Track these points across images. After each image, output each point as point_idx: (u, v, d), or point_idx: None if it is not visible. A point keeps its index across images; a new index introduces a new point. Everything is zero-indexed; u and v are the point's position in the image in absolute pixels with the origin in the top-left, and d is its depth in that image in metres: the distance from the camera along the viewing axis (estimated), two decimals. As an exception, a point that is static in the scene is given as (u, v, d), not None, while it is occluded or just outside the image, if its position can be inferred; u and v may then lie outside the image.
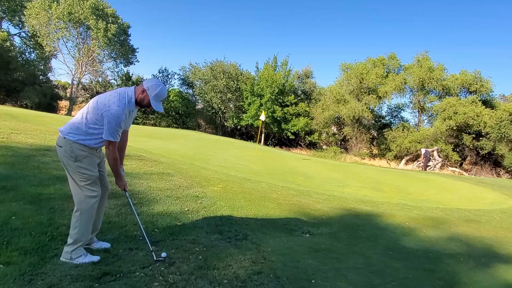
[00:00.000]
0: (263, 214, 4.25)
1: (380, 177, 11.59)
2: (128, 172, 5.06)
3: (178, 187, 4.70)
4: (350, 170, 12.92)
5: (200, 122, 39.31)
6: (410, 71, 28.22)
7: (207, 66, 34.42)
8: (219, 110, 34.31)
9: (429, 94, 28.38)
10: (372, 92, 28.79)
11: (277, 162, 12.17)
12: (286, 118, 31.69)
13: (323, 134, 33.01)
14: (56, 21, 27.03)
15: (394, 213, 5.54)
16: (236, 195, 4.90)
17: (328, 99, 30.29)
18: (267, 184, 6.42)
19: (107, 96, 2.35)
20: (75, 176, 2.35)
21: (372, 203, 6.21)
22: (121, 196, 3.83)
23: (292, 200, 5.32)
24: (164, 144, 11.50)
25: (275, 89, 30.10)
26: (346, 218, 4.81)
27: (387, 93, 27.93)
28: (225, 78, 32.25)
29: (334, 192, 6.95)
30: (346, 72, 30.85)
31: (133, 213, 2.76)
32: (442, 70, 27.25)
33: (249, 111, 30.75)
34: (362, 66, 29.17)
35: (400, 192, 8.48)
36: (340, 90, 29.88)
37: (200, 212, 3.79)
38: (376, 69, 28.40)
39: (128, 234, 2.86)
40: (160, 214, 3.51)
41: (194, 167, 6.82)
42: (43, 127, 8.32)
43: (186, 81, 37.19)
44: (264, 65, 32.71)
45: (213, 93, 32.72)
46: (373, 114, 29.73)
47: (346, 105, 28.51)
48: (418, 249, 3.82)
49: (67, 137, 2.32)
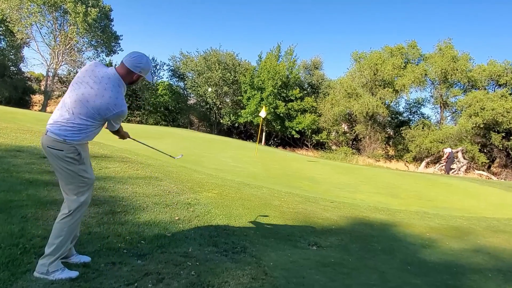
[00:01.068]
0: (264, 223, 4.25)
1: (397, 181, 11.58)
2: (111, 176, 5.06)
3: (168, 193, 4.70)
4: (363, 174, 12.92)
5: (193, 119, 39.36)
6: (431, 61, 28.22)
7: (200, 56, 34.49)
8: (214, 105, 34.35)
9: (452, 87, 28.39)
10: (388, 85, 28.79)
11: (280, 165, 12.17)
12: (290, 114, 31.73)
13: (332, 133, 33.05)
14: (29, 4, 27.01)
15: (413, 222, 5.54)
16: (233, 202, 4.90)
17: (338, 93, 30.31)
18: (269, 190, 6.42)
19: (104, 92, 2.31)
20: (76, 181, 2.36)
21: (388, 211, 6.22)
22: (102, 203, 3.84)
23: (297, 208, 5.33)
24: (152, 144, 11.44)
25: (278, 82, 30.13)
26: (358, 228, 4.81)
27: (405, 86, 27.91)
28: (220, 69, 32.29)
29: (345, 199, 6.95)
30: (358, 62, 30.85)
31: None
32: (468, 60, 27.26)
33: (248, 107, 30.78)
34: (376, 56, 29.13)
35: (420, 199, 8.48)
36: (351, 83, 29.89)
37: (192, 222, 3.79)
38: (393, 59, 28.36)
39: (110, 246, 2.86)
40: (147, 223, 3.51)
41: (186, 171, 6.81)
42: (14, 125, 8.32)
43: (176, 72, 37.23)
44: (266, 55, 32.75)
45: (207, 86, 32.73)
46: (389, 110, 29.76)
47: (359, 100, 28.53)
48: (440, 263, 3.82)
49: (69, 139, 2.30)
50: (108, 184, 4.60)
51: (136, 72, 2.45)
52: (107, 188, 4.41)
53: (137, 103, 33.76)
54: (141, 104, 33.67)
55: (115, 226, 3.25)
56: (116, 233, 3.12)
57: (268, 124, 32.22)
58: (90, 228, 3.15)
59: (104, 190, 4.32)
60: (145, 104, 33.36)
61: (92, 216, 3.43)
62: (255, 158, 12.54)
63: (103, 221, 3.35)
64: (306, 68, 36.33)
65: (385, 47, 30.29)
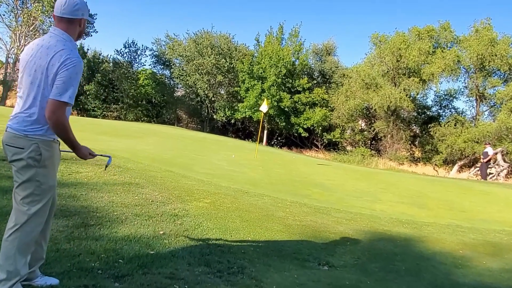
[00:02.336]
0: (265, 239, 4.25)
1: (424, 188, 11.58)
2: (83, 182, 5.07)
3: (151, 203, 4.70)
4: (384, 180, 12.92)
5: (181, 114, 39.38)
6: (465, 44, 28.20)
7: (189, 39, 34.49)
8: (206, 98, 34.35)
9: (490, 77, 28.39)
10: (413, 74, 28.80)
11: (285, 169, 12.16)
12: (297, 109, 31.74)
13: (347, 131, 33.06)
14: (-15, -23, 27.03)
15: (443, 237, 5.55)
16: (229, 214, 4.90)
17: (354, 83, 30.31)
18: (271, 199, 6.43)
19: (50, 50, 2.29)
20: (31, 187, 2.33)
21: (413, 224, 6.22)
22: (73, 214, 3.84)
23: (304, 220, 5.34)
24: (132, 144, 11.49)
25: (282, 70, 30.14)
26: (378, 244, 4.81)
27: (434, 75, 27.91)
28: (214, 55, 32.30)
29: (362, 210, 6.96)
30: (378, 47, 30.84)
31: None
32: (509, 44, 27.23)
33: (247, 100, 30.79)
34: (400, 39, 29.06)
35: (451, 209, 8.48)
36: (370, 71, 29.90)
37: (180, 237, 3.79)
38: (420, 42, 28.30)
39: (82, 266, 2.86)
40: (126, 238, 3.51)
41: (172, 176, 6.81)
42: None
43: (161, 58, 37.23)
44: (266, 38, 32.76)
45: (198, 75, 32.75)
46: (415, 104, 29.77)
47: (379, 92, 28.53)
48: (475, 286, 3.82)
49: (30, 133, 2.28)
50: (79, 191, 4.60)
51: (79, 17, 2.45)
52: (78, 197, 4.41)
53: (114, 95, 33.77)
54: (118, 97, 33.67)
55: (87, 242, 3.25)
56: (89, 250, 3.12)
57: (271, 121, 32.22)
58: (58, 244, 3.15)
59: (75, 199, 4.32)
60: (123, 96, 33.37)
61: (61, 230, 3.43)
62: (255, 161, 12.54)
63: (73, 236, 3.35)
64: (316, 54, 36.33)
65: (413, 28, 30.19)
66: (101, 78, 33.09)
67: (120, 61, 34.99)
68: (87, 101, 32.81)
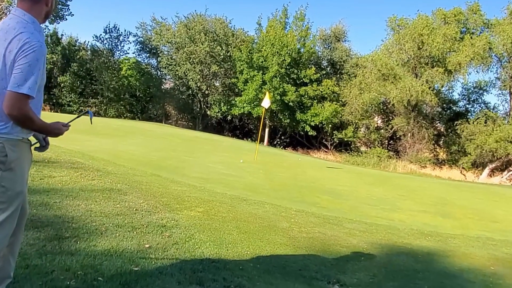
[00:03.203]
0: (267, 253, 4.25)
1: (450, 195, 11.59)
2: (56, 188, 5.06)
3: (135, 212, 4.70)
4: (403, 185, 12.91)
5: (169, 109, 39.39)
6: (497, 29, 28.19)
7: (180, 23, 34.53)
8: (198, 91, 34.38)
9: (527, 66, 28.39)
10: (437, 63, 28.82)
11: (289, 173, 12.15)
12: (303, 103, 31.76)
13: (361, 129, 33.07)
14: None
15: (472, 251, 5.54)
16: (225, 224, 4.90)
17: (369, 74, 30.34)
18: (274, 207, 6.42)
19: (8, 34, 2.24)
20: None
21: (437, 236, 6.22)
22: (45, 225, 3.83)
23: (312, 232, 5.34)
24: (113, 144, 11.48)
25: (286, 58, 30.17)
26: (397, 259, 4.82)
27: (462, 64, 27.93)
28: (207, 41, 32.32)
29: (378, 220, 6.96)
30: (397, 32, 30.88)
31: None
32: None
33: (246, 93, 30.81)
34: (422, 23, 29.08)
35: (481, 219, 8.48)
36: (387, 60, 29.93)
37: (169, 251, 3.79)
38: (446, 27, 28.30)
39: (56, 284, 2.86)
40: (107, 253, 3.51)
41: (160, 181, 6.80)
42: None
43: (146, 45, 37.24)
44: (268, 22, 32.77)
45: (189, 65, 32.77)
46: (439, 98, 29.79)
47: (397, 84, 28.55)
48: (509, 308, 3.82)
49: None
50: (52, 199, 4.60)
51: None
52: (51, 205, 4.41)
53: (92, 88, 33.80)
54: (97, 90, 33.69)
55: (62, 257, 3.24)
56: (63, 266, 3.11)
57: (273, 117, 32.25)
58: (28, 259, 3.14)
59: (47, 208, 4.31)
60: (103, 89, 33.38)
61: (31, 243, 3.43)
62: (255, 164, 12.54)
63: (45, 250, 3.34)
64: (324, 40, 36.36)
65: (437, 10, 30.19)
66: (77, 68, 33.08)
67: (100, 48, 35.00)
68: (61, 95, 32.77)
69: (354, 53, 35.56)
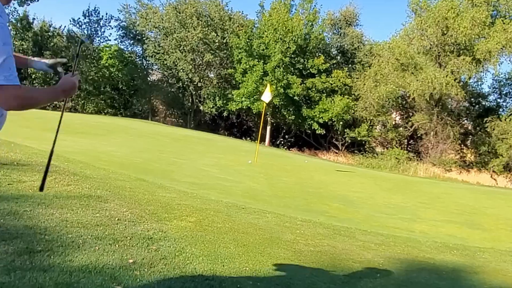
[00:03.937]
0: (268, 269, 4.25)
1: (479, 203, 11.62)
2: (27, 194, 5.04)
3: (117, 222, 4.69)
4: (425, 191, 12.94)
5: (157, 104, 39.51)
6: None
7: (168, 5, 34.67)
8: (190, 83, 34.43)
9: None
10: (464, 51, 28.86)
11: (294, 177, 12.17)
12: (310, 97, 31.87)
13: (377, 127, 33.15)
14: None
15: (504, 267, 5.55)
16: (221, 236, 4.90)
17: (386, 64, 30.40)
18: (276, 216, 6.43)
19: None
20: None
21: (464, 249, 6.23)
22: (14, 237, 3.81)
23: (320, 245, 5.34)
24: (92, 144, 11.47)
25: (291, 46, 30.24)
26: (418, 276, 4.82)
27: (492, 53, 27.98)
28: (200, 27, 32.36)
29: (396, 231, 6.98)
30: (418, 16, 30.90)
31: None
32: None
33: (244, 86, 30.87)
34: (447, 5, 29.09)
35: (515, 231, 8.50)
36: (407, 48, 29.97)
37: (156, 266, 3.78)
38: (474, 10, 28.30)
39: (26, 306, 2.84)
40: (85, 269, 3.50)
41: (146, 186, 6.80)
42: None
43: (130, 31, 37.34)
44: (271, 4, 32.83)
45: (180, 53, 32.79)
46: (467, 91, 29.85)
47: (418, 75, 28.61)
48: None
49: None
50: (22, 207, 4.58)
51: None
52: (21, 214, 4.39)
53: (68, 80, 33.82)
54: (74, 81, 33.74)
55: (33, 274, 3.22)
56: (35, 284, 3.09)
57: (276, 113, 32.33)
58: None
59: (16, 217, 4.29)
60: (81, 80, 33.37)
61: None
62: (255, 167, 12.57)
63: (14, 266, 3.32)
64: (333, 25, 36.45)
65: (465, -9, 30.19)
66: (51, 56, 33.08)
67: (77, 34, 35.03)
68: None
69: (367, 39, 35.77)
